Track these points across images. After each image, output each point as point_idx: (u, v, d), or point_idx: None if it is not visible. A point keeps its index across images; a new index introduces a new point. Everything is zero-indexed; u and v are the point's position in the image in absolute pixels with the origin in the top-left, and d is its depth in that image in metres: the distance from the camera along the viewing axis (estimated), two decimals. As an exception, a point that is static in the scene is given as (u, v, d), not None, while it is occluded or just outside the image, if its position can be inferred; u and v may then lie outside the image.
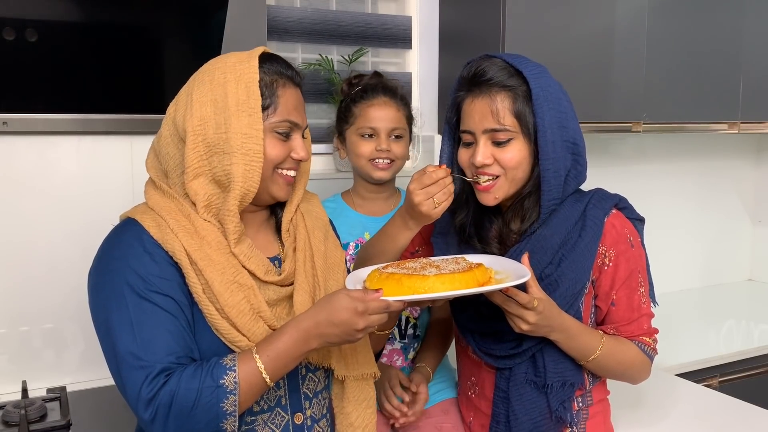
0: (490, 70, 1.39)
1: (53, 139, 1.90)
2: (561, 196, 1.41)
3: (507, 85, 1.38)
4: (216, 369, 1.10)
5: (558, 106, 1.40)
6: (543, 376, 1.43)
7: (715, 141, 3.18)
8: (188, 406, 1.07)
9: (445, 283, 1.16)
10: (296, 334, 1.14)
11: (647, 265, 1.51)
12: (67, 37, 1.80)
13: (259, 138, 1.18)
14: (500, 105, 1.37)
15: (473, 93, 1.41)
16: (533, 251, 1.40)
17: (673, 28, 2.50)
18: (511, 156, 1.38)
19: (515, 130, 1.38)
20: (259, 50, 1.24)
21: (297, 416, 1.27)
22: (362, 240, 1.75)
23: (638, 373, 1.50)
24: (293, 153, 1.25)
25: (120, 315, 1.12)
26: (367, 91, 1.73)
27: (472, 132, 1.41)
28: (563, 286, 1.40)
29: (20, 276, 1.89)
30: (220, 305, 1.16)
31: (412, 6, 2.51)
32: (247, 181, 1.18)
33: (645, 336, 1.47)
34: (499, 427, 1.49)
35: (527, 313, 1.30)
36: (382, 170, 1.71)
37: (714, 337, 2.55)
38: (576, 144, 1.42)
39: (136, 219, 1.20)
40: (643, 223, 1.52)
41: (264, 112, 1.20)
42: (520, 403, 1.45)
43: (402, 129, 1.73)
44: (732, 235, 3.32)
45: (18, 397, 1.81)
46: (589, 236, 1.41)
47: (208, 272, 1.16)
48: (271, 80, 1.22)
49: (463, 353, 1.62)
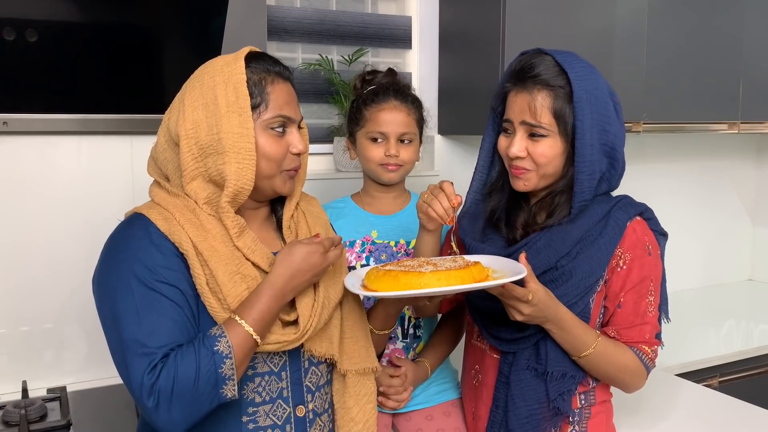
0: (537, 67, 1.43)
1: (53, 139, 1.90)
2: (591, 195, 1.44)
3: (550, 84, 1.41)
4: (207, 339, 1.12)
5: (602, 109, 1.42)
6: (544, 363, 1.44)
7: (715, 141, 3.18)
8: (190, 380, 1.09)
9: (441, 280, 1.18)
10: (272, 292, 1.18)
11: (663, 279, 1.51)
12: (67, 37, 1.80)
13: (250, 136, 1.20)
14: (540, 103, 1.41)
15: (518, 86, 1.45)
16: (552, 240, 1.43)
17: (673, 28, 2.50)
18: (542, 152, 1.42)
19: (551, 128, 1.41)
20: (245, 50, 1.26)
21: (299, 409, 1.27)
22: (369, 238, 1.75)
23: (631, 378, 1.49)
24: (291, 147, 1.27)
25: (126, 304, 1.13)
26: (379, 94, 1.72)
27: (511, 122, 1.46)
28: (576, 278, 1.42)
29: (20, 276, 1.90)
30: (223, 295, 1.17)
31: (412, 6, 2.51)
32: (240, 179, 1.20)
33: (645, 345, 1.47)
34: (498, 411, 1.50)
35: (522, 305, 1.34)
36: (391, 172, 1.72)
37: (714, 337, 2.56)
38: (614, 149, 1.45)
39: (142, 213, 1.22)
40: (665, 238, 1.53)
41: (255, 110, 1.22)
42: (519, 388, 1.46)
43: (412, 133, 1.73)
44: (732, 235, 3.33)
45: (18, 397, 1.81)
46: (609, 235, 1.43)
47: (213, 263, 1.18)
48: (259, 78, 1.24)
49: (470, 341, 1.64)
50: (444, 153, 2.52)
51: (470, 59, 2.33)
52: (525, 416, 1.46)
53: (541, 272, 1.43)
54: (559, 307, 1.38)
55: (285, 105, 1.26)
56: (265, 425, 1.23)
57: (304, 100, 2.27)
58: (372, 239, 1.75)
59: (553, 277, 1.43)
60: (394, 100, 1.71)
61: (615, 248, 1.43)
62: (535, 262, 1.41)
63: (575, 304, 1.42)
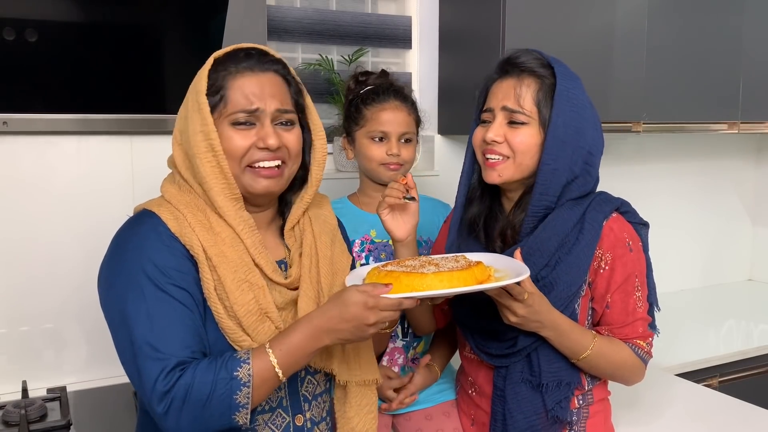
0: (524, 56, 1.44)
1: (54, 139, 1.90)
2: (555, 195, 1.42)
3: (536, 72, 1.42)
4: (230, 362, 1.11)
5: (581, 110, 1.42)
6: (538, 375, 1.44)
7: (715, 141, 3.18)
8: (203, 399, 1.08)
9: (443, 281, 1.17)
10: (308, 330, 1.14)
11: (649, 270, 1.51)
12: (67, 37, 1.80)
13: (210, 133, 1.17)
14: (525, 89, 1.41)
15: (503, 75, 1.45)
16: (530, 253, 1.41)
17: (673, 28, 2.50)
18: (521, 140, 1.41)
19: (532, 116, 1.41)
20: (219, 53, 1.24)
21: (298, 418, 1.27)
22: (368, 237, 1.75)
23: (630, 374, 1.49)
24: (259, 141, 1.21)
25: (137, 305, 1.12)
26: (379, 94, 1.72)
27: (491, 110, 1.45)
28: (558, 288, 1.41)
29: (20, 276, 1.90)
30: (229, 303, 1.17)
31: (412, 6, 2.51)
32: (210, 178, 1.18)
33: (639, 339, 1.47)
34: (497, 425, 1.50)
35: (516, 305, 1.32)
36: (392, 172, 1.72)
37: (714, 337, 2.56)
38: (591, 154, 1.44)
39: (152, 211, 1.20)
40: (646, 228, 1.52)
41: (216, 109, 1.20)
42: (516, 401, 1.46)
43: (411, 133, 1.74)
44: (732, 236, 3.33)
45: (18, 397, 1.81)
46: (587, 239, 1.41)
47: (222, 269, 1.17)
48: (222, 76, 1.21)
49: (463, 352, 1.63)
50: (444, 153, 2.52)
51: (470, 59, 2.33)
52: (524, 428, 1.45)
53: None
54: (553, 312, 1.38)
55: (250, 96, 1.20)
56: None
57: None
58: (371, 238, 1.75)
59: None
60: (395, 99, 1.72)
61: (594, 251, 1.42)
62: None
63: (561, 312, 1.41)
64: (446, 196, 1.85)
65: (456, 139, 2.53)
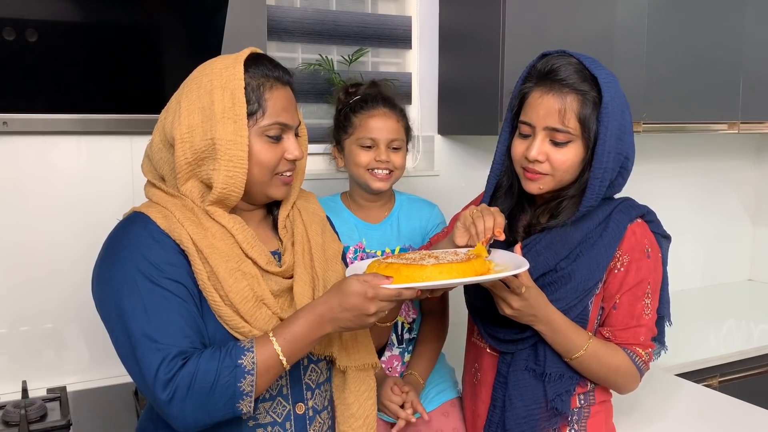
0: (565, 70, 1.39)
1: (53, 139, 1.90)
2: (599, 200, 1.43)
3: (579, 89, 1.38)
4: (234, 350, 1.12)
5: (621, 118, 1.41)
6: (542, 364, 1.44)
7: (715, 141, 3.18)
8: (207, 387, 1.09)
9: (443, 273, 1.17)
10: (311, 318, 1.16)
11: (664, 283, 1.51)
12: (67, 37, 1.80)
13: (243, 144, 1.19)
14: (568, 107, 1.38)
15: (543, 88, 1.40)
16: (552, 243, 1.42)
17: (673, 28, 2.50)
18: (564, 159, 1.40)
19: (576, 134, 1.39)
20: (245, 53, 1.24)
21: (299, 406, 1.28)
22: (361, 245, 1.76)
23: (623, 380, 1.48)
24: (287, 153, 1.26)
25: (132, 300, 1.13)
26: (368, 102, 1.73)
27: (532, 125, 1.41)
28: (575, 281, 1.41)
29: (20, 276, 1.90)
30: (224, 291, 1.18)
31: (412, 6, 2.51)
32: (227, 187, 1.20)
33: (639, 347, 1.46)
34: (495, 411, 1.50)
35: (512, 298, 1.33)
36: (381, 181, 1.72)
37: (714, 337, 2.56)
38: (627, 159, 1.44)
39: (141, 212, 1.22)
40: (668, 241, 1.52)
41: (252, 117, 1.21)
42: (517, 388, 1.46)
43: (400, 140, 1.74)
44: (732, 236, 3.33)
45: (18, 397, 1.81)
46: (609, 238, 1.42)
47: (213, 259, 1.18)
48: (257, 84, 1.22)
49: (470, 339, 1.63)
50: (444, 153, 2.52)
51: (470, 59, 2.33)
52: (522, 416, 1.46)
53: (541, 274, 1.42)
54: (549, 308, 1.38)
55: (282, 111, 1.24)
56: (265, 422, 1.24)
57: (303, 100, 2.27)
58: (363, 247, 1.76)
59: (552, 279, 1.43)
60: (383, 107, 1.73)
61: (615, 250, 1.43)
62: (535, 263, 1.41)
63: (574, 306, 1.42)
64: (446, 196, 1.86)
65: (456, 139, 2.53)
